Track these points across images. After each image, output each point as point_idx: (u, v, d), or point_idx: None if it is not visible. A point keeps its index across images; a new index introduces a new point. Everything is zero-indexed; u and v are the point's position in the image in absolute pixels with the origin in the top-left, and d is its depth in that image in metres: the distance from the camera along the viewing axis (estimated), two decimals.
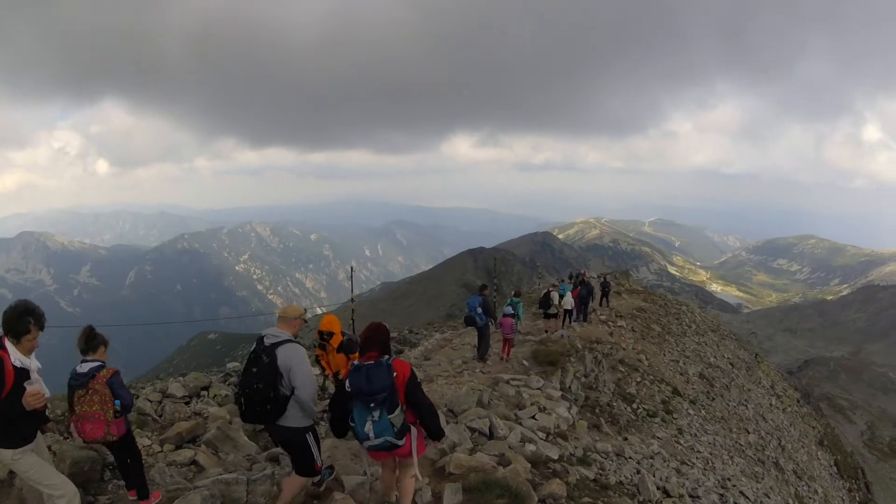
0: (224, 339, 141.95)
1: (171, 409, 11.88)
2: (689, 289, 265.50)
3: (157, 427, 10.61)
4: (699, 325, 40.36)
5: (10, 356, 5.13)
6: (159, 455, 9.13)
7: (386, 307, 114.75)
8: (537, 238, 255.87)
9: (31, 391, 5.09)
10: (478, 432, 10.12)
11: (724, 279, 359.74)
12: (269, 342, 5.96)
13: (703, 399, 25.52)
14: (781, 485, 22.63)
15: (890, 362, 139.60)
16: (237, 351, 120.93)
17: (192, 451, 9.08)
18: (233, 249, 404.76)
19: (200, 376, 14.54)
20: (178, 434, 9.69)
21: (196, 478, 8.17)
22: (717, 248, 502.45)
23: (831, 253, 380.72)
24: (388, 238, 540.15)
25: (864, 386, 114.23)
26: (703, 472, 15.70)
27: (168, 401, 12.48)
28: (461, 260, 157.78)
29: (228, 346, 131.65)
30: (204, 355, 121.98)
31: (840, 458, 40.55)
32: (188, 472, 8.51)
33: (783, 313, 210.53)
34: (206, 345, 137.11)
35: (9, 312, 5.28)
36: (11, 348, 5.17)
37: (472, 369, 16.43)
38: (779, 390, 42.08)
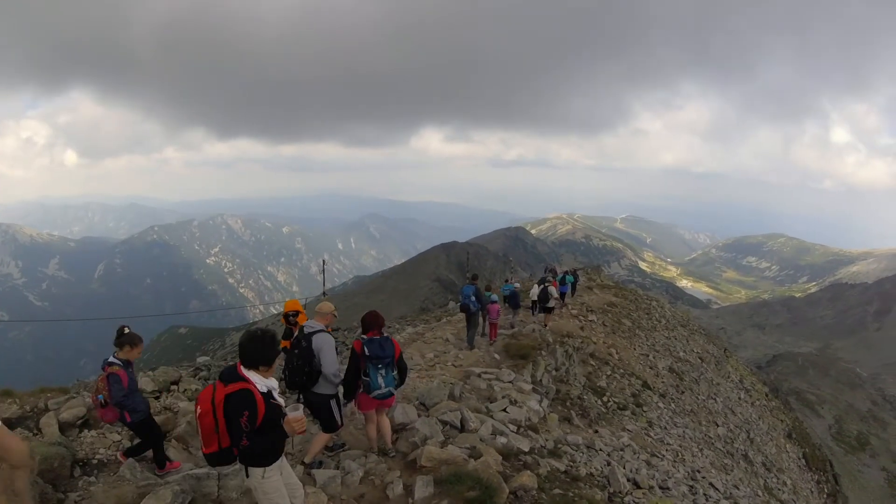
0: (195, 333, 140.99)
1: None
2: (659, 284, 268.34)
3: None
4: (669, 321, 40.77)
5: (257, 384, 5.10)
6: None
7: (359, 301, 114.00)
8: (510, 233, 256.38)
9: (295, 417, 5.16)
10: (449, 425, 10.14)
11: (694, 275, 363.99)
12: (307, 331, 8.05)
13: (672, 392, 25.82)
14: (750, 477, 22.99)
15: (857, 358, 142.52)
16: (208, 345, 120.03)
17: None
18: (203, 242, 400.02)
19: (170, 371, 14.39)
20: None
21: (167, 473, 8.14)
22: (688, 245, 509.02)
23: (800, 252, 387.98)
24: (360, 232, 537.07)
25: (832, 381, 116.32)
26: (673, 464, 15.86)
27: None
28: (434, 254, 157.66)
29: (199, 340, 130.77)
30: (175, 350, 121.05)
31: (808, 450, 41.31)
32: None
33: (752, 310, 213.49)
34: (176, 339, 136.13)
35: (257, 340, 5.33)
36: (254, 375, 5.13)
37: (444, 363, 16.44)
38: (747, 384, 42.71)
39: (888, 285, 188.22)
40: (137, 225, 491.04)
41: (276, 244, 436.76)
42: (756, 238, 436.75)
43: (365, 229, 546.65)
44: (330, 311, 8.49)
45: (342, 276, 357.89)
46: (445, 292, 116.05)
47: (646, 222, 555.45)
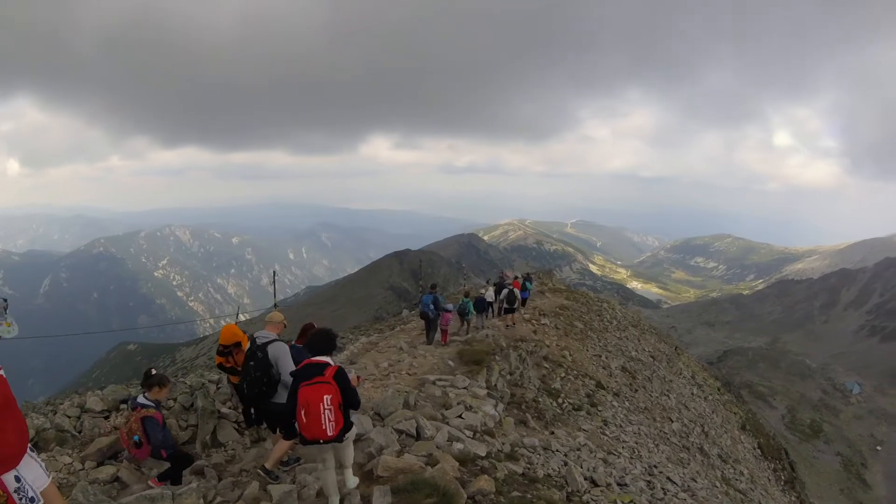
0: (144, 349, 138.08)
1: (91, 425, 11.45)
2: (610, 287, 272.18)
3: (77, 444, 10.24)
4: (620, 321, 41.24)
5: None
6: (80, 473, 8.85)
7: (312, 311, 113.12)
8: (463, 240, 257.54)
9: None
10: (405, 434, 10.10)
11: (643, 277, 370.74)
12: (260, 342, 8.33)
13: (626, 391, 26.12)
14: (707, 469, 23.35)
15: (806, 350, 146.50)
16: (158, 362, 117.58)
17: (115, 468, 8.84)
18: (151, 254, 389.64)
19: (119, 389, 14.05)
20: (99, 450, 9.40)
21: (119, 495, 7.99)
22: (637, 247, 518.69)
23: (746, 251, 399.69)
24: (312, 241, 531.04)
25: (783, 373, 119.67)
26: (630, 460, 16.03)
27: (87, 416, 11.98)
28: (387, 262, 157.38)
29: (149, 356, 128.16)
30: (124, 367, 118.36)
31: (763, 440, 42.35)
32: (111, 489, 8.28)
33: (701, 308, 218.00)
34: (126, 356, 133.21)
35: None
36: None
37: (399, 372, 16.42)
38: (700, 380, 43.51)
39: (833, 280, 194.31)
40: (83, 237, 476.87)
41: (225, 255, 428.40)
42: (703, 239, 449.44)
43: (317, 238, 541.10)
44: (280, 321, 8.79)
45: (294, 286, 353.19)
46: (399, 300, 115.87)
47: (595, 226, 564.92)
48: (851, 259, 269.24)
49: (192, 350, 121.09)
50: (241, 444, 10.12)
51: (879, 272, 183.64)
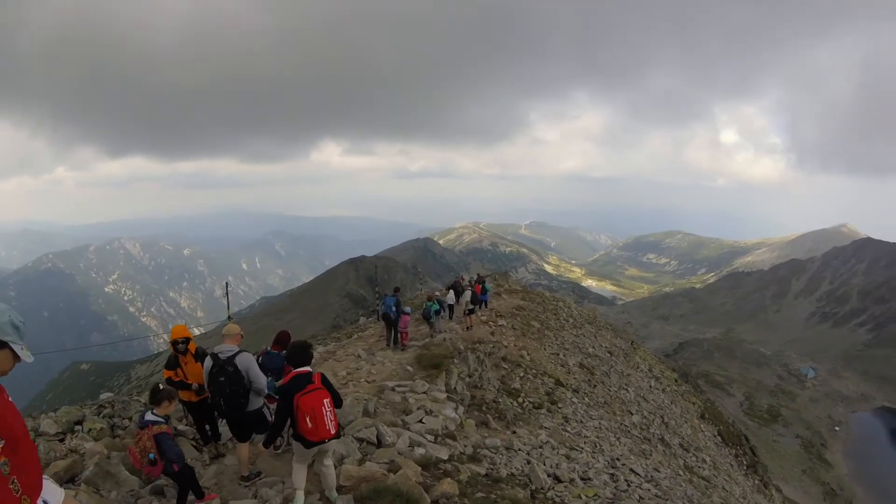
0: (98, 368, 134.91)
1: (46, 448, 11.09)
2: (566, 286, 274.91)
3: None
4: (576, 319, 41.56)
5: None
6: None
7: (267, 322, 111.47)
8: (418, 244, 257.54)
9: None
10: (366, 442, 10.08)
11: (598, 275, 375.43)
12: (225, 356, 8.42)
13: (585, 387, 26.33)
14: (669, 458, 23.65)
15: (760, 339, 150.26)
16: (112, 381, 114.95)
17: (73, 492, 8.59)
18: (101, 269, 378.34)
19: (73, 410, 13.68)
20: (56, 474, 9.09)
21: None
22: (590, 246, 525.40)
23: (696, 246, 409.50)
24: (265, 250, 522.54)
25: (738, 362, 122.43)
26: (592, 455, 16.12)
27: (41, 439, 11.61)
28: (343, 270, 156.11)
29: (103, 375, 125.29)
30: (78, 387, 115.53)
31: (723, 428, 43.12)
32: None
33: (655, 303, 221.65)
34: (79, 376, 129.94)
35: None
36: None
37: (357, 379, 16.30)
38: (657, 372, 44.11)
39: (783, 271, 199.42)
40: (30, 252, 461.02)
41: (177, 268, 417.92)
42: (654, 236, 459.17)
43: (270, 247, 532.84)
44: (237, 333, 8.83)
45: (249, 297, 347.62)
46: (356, 308, 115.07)
47: (549, 227, 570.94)
48: (800, 250, 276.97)
49: (146, 367, 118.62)
50: (200, 462, 9.92)
51: (828, 261, 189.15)
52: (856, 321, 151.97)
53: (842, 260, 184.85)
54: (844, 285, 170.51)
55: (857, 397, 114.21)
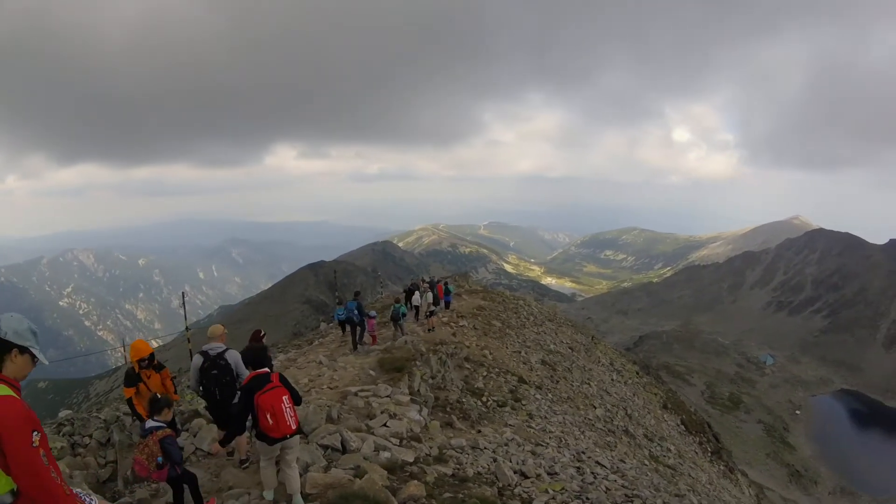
0: (56, 386, 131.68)
1: None
2: (526, 284, 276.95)
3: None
4: (537, 317, 41.83)
5: None
6: None
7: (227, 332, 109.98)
8: (377, 248, 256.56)
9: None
10: (330, 449, 10.01)
11: (557, 273, 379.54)
12: (215, 353, 9.23)
13: (548, 383, 26.52)
14: (634, 449, 23.96)
15: (717, 329, 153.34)
16: (71, 398, 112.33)
17: None
18: (55, 282, 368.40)
19: None
20: None
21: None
22: (549, 245, 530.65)
23: (653, 242, 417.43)
24: (222, 258, 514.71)
25: (698, 352, 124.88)
26: (558, 449, 16.22)
27: None
28: (302, 276, 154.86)
29: (61, 393, 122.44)
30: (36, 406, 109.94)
31: (685, 416, 43.86)
32: None
33: (614, 298, 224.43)
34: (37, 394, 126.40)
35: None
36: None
37: (320, 386, 16.15)
38: (618, 366, 44.68)
39: (738, 263, 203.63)
40: None
41: (132, 279, 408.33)
42: (611, 233, 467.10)
43: (227, 255, 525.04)
44: (222, 332, 9.74)
45: (206, 307, 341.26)
46: (317, 314, 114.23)
47: (508, 227, 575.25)
48: (753, 242, 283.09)
49: (105, 383, 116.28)
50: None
51: (781, 252, 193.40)
52: (811, 309, 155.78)
53: (795, 251, 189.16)
54: (798, 275, 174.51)
55: (816, 381, 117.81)
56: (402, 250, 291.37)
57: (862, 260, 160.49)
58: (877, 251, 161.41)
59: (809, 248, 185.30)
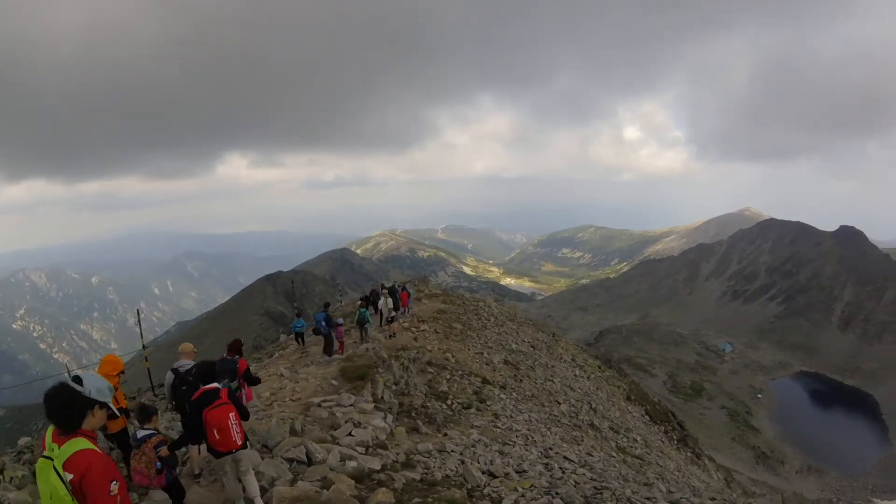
0: (14, 413, 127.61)
1: None
2: (485, 286, 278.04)
3: None
4: (497, 318, 42.01)
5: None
6: None
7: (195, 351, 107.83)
8: (335, 255, 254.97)
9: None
10: (296, 461, 9.93)
11: (515, 273, 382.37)
12: (185, 369, 9.76)
13: (512, 383, 26.64)
14: (601, 442, 24.23)
15: (676, 321, 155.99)
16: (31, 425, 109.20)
17: None
18: (6, 304, 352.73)
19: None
20: None
21: None
22: (506, 245, 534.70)
23: (608, 238, 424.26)
24: (177, 272, 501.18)
25: (657, 344, 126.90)
26: (525, 447, 16.31)
27: None
28: (259, 287, 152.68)
29: (20, 420, 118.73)
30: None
31: (649, 407, 44.51)
32: None
33: (573, 295, 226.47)
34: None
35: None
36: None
37: (282, 399, 15.95)
38: (580, 361, 45.12)
39: (692, 255, 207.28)
40: None
41: (86, 297, 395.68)
42: (567, 232, 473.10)
43: (182, 269, 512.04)
44: (192, 350, 10.38)
45: (163, 323, 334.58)
46: (277, 325, 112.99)
47: (465, 229, 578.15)
48: (706, 235, 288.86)
49: None
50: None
51: (734, 243, 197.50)
52: (766, 296, 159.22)
53: (748, 241, 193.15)
54: (752, 264, 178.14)
55: (775, 365, 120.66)
56: (361, 257, 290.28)
57: (813, 247, 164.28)
58: (827, 238, 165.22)
59: (762, 237, 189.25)
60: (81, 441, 4.33)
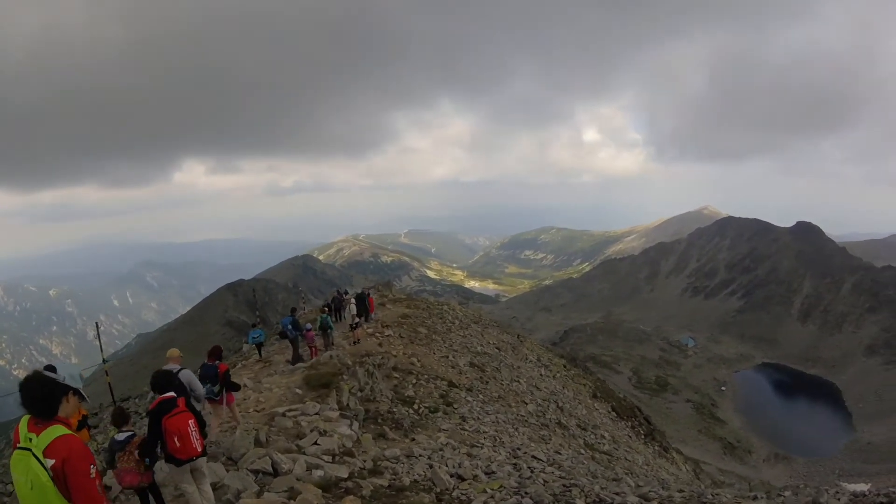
0: None
1: None
2: (449, 289, 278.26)
3: None
4: (462, 320, 42.03)
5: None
6: None
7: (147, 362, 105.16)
8: (297, 262, 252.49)
9: None
10: (261, 473, 9.82)
11: (479, 275, 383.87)
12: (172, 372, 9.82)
13: (478, 385, 26.70)
14: (569, 440, 24.41)
15: (638, 318, 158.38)
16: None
17: None
18: None
19: None
20: None
21: None
22: (470, 248, 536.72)
23: (570, 239, 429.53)
24: (137, 283, 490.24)
25: (622, 341, 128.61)
26: (493, 448, 16.36)
27: None
28: (220, 296, 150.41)
29: None
30: None
31: (616, 403, 45.15)
32: None
33: (537, 296, 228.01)
34: None
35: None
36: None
37: (245, 410, 15.74)
38: (545, 361, 45.40)
39: (652, 254, 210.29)
40: None
41: (44, 311, 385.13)
42: (530, 234, 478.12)
43: (141, 280, 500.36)
44: (178, 355, 10.82)
45: (124, 336, 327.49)
46: (239, 335, 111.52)
47: (428, 233, 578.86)
48: (666, 234, 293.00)
49: None
50: None
51: (693, 241, 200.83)
52: (726, 291, 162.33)
53: (706, 238, 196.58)
54: (711, 261, 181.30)
55: (738, 358, 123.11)
56: (324, 263, 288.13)
57: (771, 243, 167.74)
58: (785, 234, 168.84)
59: (720, 235, 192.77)
60: (60, 428, 4.56)
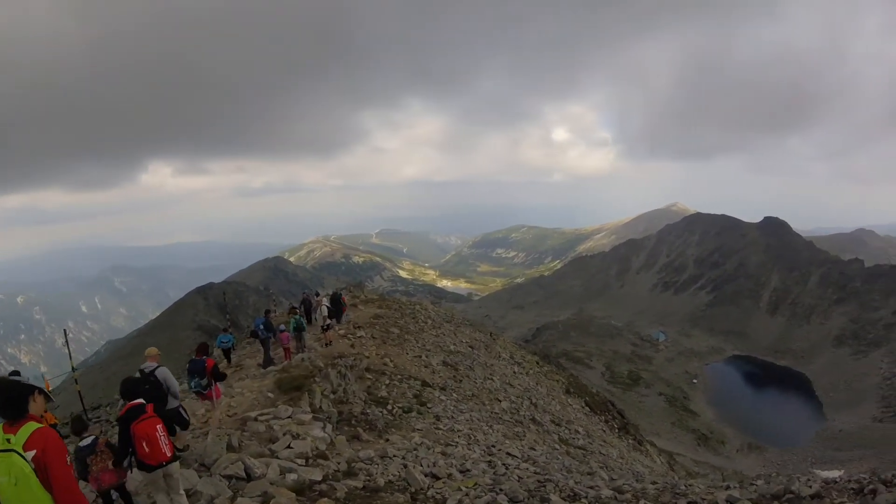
0: None
1: None
2: (422, 289, 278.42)
3: None
4: (435, 320, 42.01)
5: None
6: None
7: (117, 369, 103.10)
8: (268, 264, 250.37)
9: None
10: (234, 478, 9.76)
11: (451, 274, 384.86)
12: (149, 370, 10.50)
13: (451, 384, 26.77)
14: (543, 436, 24.54)
15: (610, 314, 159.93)
16: None
17: None
18: None
19: None
20: None
21: None
22: (441, 248, 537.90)
23: (541, 238, 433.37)
24: (105, 288, 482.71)
25: (594, 337, 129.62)
26: (468, 447, 16.42)
27: None
28: (191, 300, 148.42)
29: None
30: None
31: (589, 398, 45.59)
32: None
33: (509, 294, 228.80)
34: None
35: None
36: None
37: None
38: (518, 358, 45.65)
39: (623, 250, 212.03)
40: None
41: (11, 319, 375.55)
42: (501, 232, 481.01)
43: (109, 285, 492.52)
44: (157, 353, 11.15)
45: (93, 343, 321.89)
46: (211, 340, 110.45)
47: (399, 233, 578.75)
48: (636, 230, 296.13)
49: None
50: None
51: (663, 237, 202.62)
52: (695, 286, 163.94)
53: (675, 234, 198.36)
54: (681, 256, 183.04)
55: (709, 351, 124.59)
56: (295, 265, 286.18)
57: (739, 238, 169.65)
58: (752, 229, 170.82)
59: (689, 231, 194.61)
60: (34, 423, 4.89)
